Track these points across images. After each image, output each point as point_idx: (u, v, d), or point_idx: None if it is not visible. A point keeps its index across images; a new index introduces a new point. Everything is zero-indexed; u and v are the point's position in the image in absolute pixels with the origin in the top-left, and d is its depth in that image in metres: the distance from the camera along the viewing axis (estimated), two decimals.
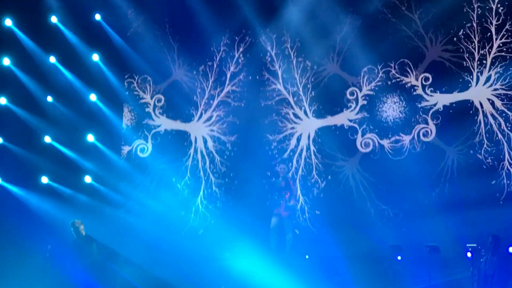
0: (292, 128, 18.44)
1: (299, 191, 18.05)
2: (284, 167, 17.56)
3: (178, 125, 19.59)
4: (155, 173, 19.54)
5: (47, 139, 19.10)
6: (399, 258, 15.56)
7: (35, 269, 16.78)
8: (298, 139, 18.35)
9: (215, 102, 19.22)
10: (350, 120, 17.85)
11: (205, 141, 19.25)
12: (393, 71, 17.42)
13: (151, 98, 19.80)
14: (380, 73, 17.55)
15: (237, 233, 17.39)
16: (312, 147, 18.18)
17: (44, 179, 19.01)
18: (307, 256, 16.97)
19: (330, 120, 18.12)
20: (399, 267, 15.58)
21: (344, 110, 17.94)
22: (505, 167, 16.18)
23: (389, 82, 17.49)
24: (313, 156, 18.16)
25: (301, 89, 18.35)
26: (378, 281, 15.71)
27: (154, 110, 19.81)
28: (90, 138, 19.21)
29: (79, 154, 19.11)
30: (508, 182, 16.08)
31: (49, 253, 15.79)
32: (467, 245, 14.22)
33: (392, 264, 15.57)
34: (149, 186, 19.49)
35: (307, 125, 18.37)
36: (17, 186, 18.71)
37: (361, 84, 17.75)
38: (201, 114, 19.33)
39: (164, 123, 19.70)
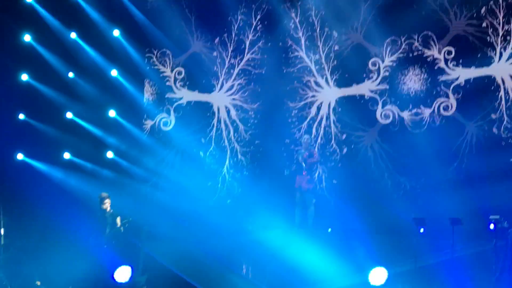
0: (313, 96, 18.44)
1: None
2: (308, 137, 17.49)
3: (199, 96, 19.62)
4: (180, 145, 19.65)
5: (69, 114, 19.23)
6: (421, 230, 15.52)
7: (58, 244, 16.87)
8: (319, 108, 18.36)
9: (236, 71, 19.22)
10: (371, 91, 17.83)
11: (228, 111, 19.29)
12: (416, 43, 17.30)
13: (171, 71, 19.82)
14: (403, 44, 17.44)
15: (264, 201, 17.49)
16: (332, 116, 18.21)
17: (66, 155, 19.15)
18: (329, 230, 17.08)
19: (351, 90, 18.11)
20: (421, 240, 15.61)
21: (365, 81, 17.89)
22: None
23: (412, 54, 17.39)
24: (332, 125, 18.20)
25: (323, 57, 18.29)
26: (398, 253, 15.68)
27: (175, 83, 19.81)
28: (112, 113, 19.29)
29: (101, 129, 19.25)
30: None
31: (73, 229, 15.97)
32: (490, 217, 13.93)
33: (412, 236, 15.56)
34: (174, 159, 19.63)
35: (328, 94, 18.35)
36: (40, 161, 18.88)
37: (384, 55, 17.67)
38: (222, 83, 19.35)
39: (186, 95, 19.74)
